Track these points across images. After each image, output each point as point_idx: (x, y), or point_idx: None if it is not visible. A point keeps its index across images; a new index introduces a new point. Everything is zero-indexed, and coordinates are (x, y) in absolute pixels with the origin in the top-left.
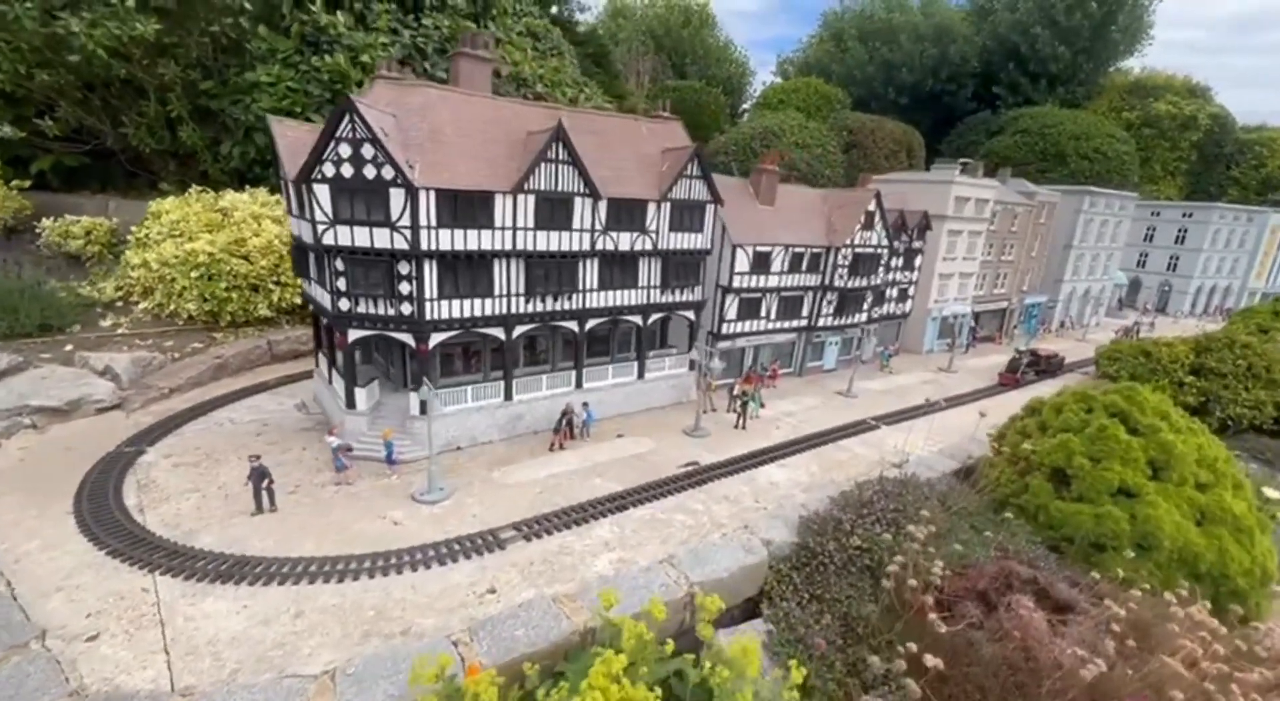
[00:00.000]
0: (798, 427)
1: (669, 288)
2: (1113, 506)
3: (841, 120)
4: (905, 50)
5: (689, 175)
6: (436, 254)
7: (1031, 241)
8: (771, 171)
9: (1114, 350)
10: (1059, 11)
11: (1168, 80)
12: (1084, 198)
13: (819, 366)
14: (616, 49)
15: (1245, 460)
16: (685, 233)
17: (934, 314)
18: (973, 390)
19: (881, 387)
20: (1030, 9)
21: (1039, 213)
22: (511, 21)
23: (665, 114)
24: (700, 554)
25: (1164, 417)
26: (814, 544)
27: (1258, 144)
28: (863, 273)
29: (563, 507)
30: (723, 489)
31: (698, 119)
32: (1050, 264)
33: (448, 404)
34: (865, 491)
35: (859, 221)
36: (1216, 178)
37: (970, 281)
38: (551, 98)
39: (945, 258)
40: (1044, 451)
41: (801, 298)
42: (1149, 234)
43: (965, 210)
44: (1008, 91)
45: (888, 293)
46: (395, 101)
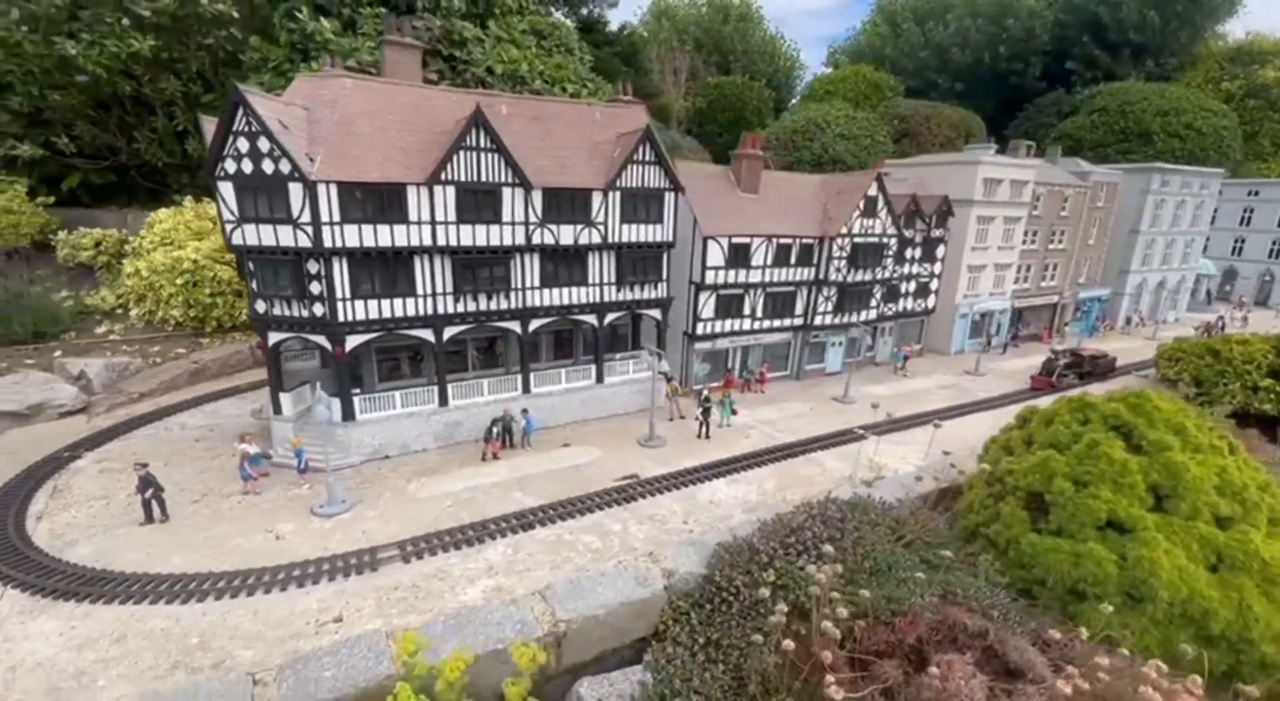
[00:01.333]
0: (771, 437)
1: (626, 284)
2: (1098, 543)
3: (892, 108)
4: (956, 28)
5: (640, 161)
6: (344, 251)
7: (1087, 227)
8: (753, 156)
9: (1175, 349)
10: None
11: (1277, 44)
12: (1151, 176)
13: (820, 369)
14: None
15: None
16: (641, 224)
17: (963, 310)
18: (998, 395)
19: (888, 392)
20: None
21: (1095, 195)
22: (516, 20)
23: (627, 98)
24: (581, 585)
25: (1178, 432)
26: (721, 577)
27: None
28: (865, 265)
29: (465, 524)
30: (653, 507)
31: (739, 115)
32: (1113, 252)
33: (372, 410)
34: (798, 516)
35: (857, 208)
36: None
37: (1009, 273)
38: (549, 94)
39: (975, 247)
40: (1021, 471)
41: (794, 294)
42: (1246, 216)
43: (998, 194)
44: (1083, 67)
45: (903, 287)
46: (310, 94)
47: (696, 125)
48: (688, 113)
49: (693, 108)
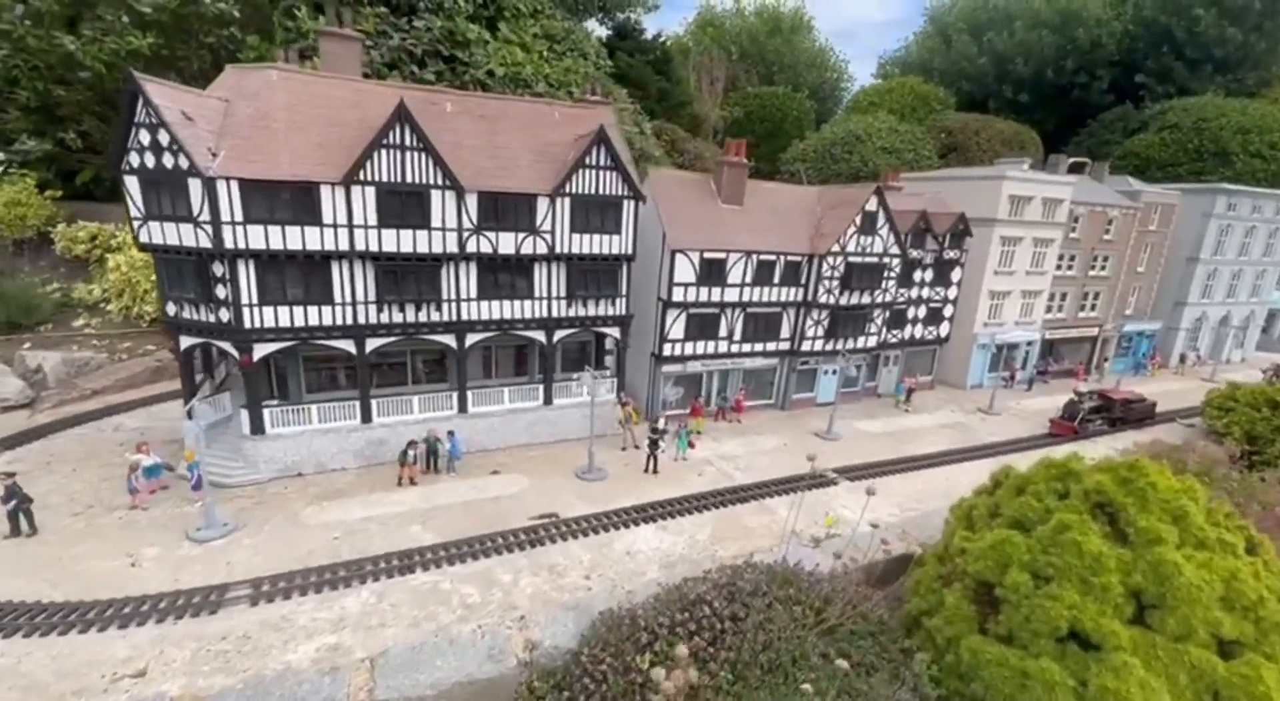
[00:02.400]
0: (727, 476)
1: (579, 299)
2: (1054, 661)
3: (940, 121)
4: (1020, 39)
5: (594, 165)
6: (250, 253)
7: (1136, 253)
8: (736, 165)
9: (1227, 397)
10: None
11: None
12: (1216, 198)
13: (810, 399)
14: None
15: None
16: (595, 234)
17: (982, 341)
18: (1008, 441)
19: (881, 429)
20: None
21: (1146, 217)
22: (529, 23)
23: (595, 97)
24: (423, 655)
25: (1177, 518)
26: (587, 657)
27: None
28: (861, 287)
29: (339, 562)
30: (559, 555)
31: (779, 126)
32: (1168, 282)
33: (286, 424)
34: (698, 586)
35: (853, 224)
36: None
37: (1039, 301)
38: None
39: (998, 271)
40: (974, 552)
41: (779, 316)
42: None
43: (1026, 213)
44: (1156, 81)
45: (910, 313)
46: (234, 86)
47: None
48: (724, 123)
49: (730, 118)
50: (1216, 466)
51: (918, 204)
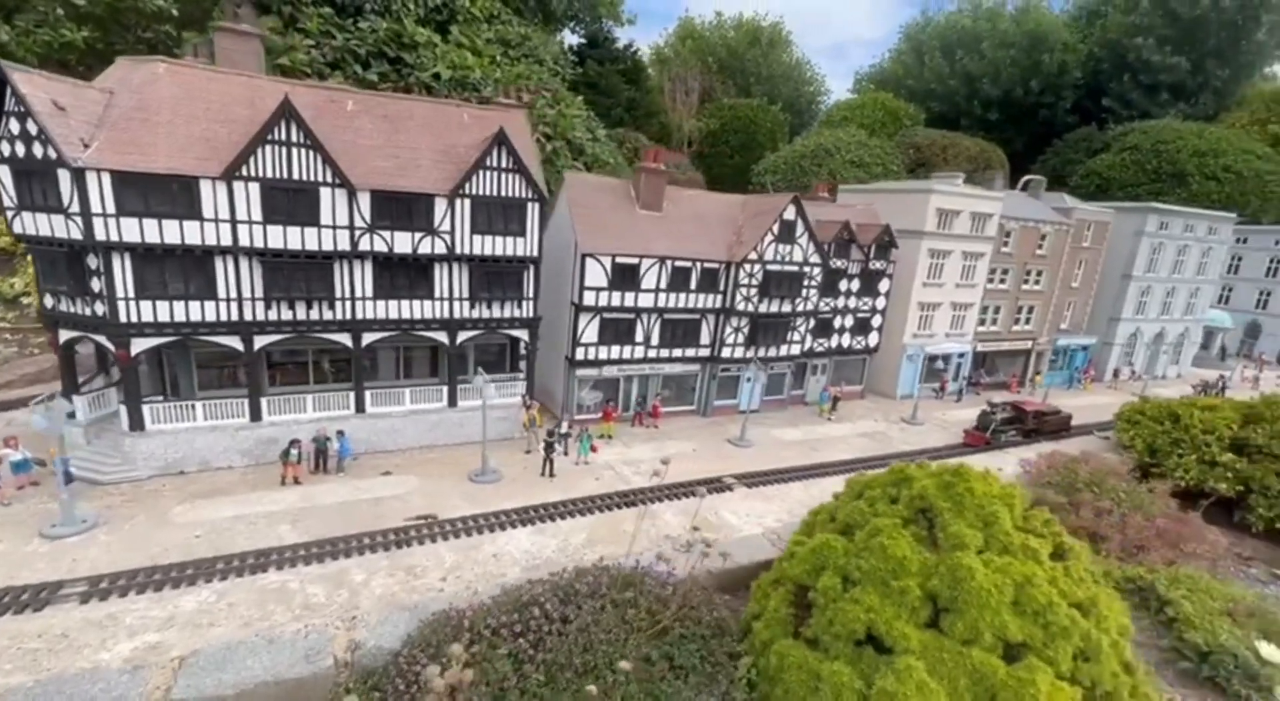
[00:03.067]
0: (625, 480)
1: (482, 301)
2: (847, 664)
3: (909, 137)
4: (989, 59)
5: (496, 167)
6: (124, 246)
7: (1070, 268)
8: (654, 171)
9: (1135, 411)
10: (1183, 5)
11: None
12: (1147, 217)
13: (732, 406)
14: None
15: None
16: (498, 236)
17: (911, 351)
18: (921, 449)
19: (798, 437)
20: (1149, 9)
21: (1080, 233)
22: (484, 28)
23: (507, 100)
24: (236, 654)
25: (989, 524)
26: (404, 658)
27: None
28: (781, 295)
29: (191, 560)
30: (423, 556)
31: (753, 137)
32: (1103, 298)
33: (168, 420)
34: (535, 588)
35: (770, 233)
36: None
37: (970, 314)
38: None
39: (927, 283)
40: (800, 556)
41: (698, 322)
42: (1273, 267)
43: (955, 226)
44: (1119, 104)
45: (837, 322)
46: (122, 77)
47: (709, 146)
48: (698, 133)
49: (704, 129)
50: (1109, 477)
51: (851, 215)
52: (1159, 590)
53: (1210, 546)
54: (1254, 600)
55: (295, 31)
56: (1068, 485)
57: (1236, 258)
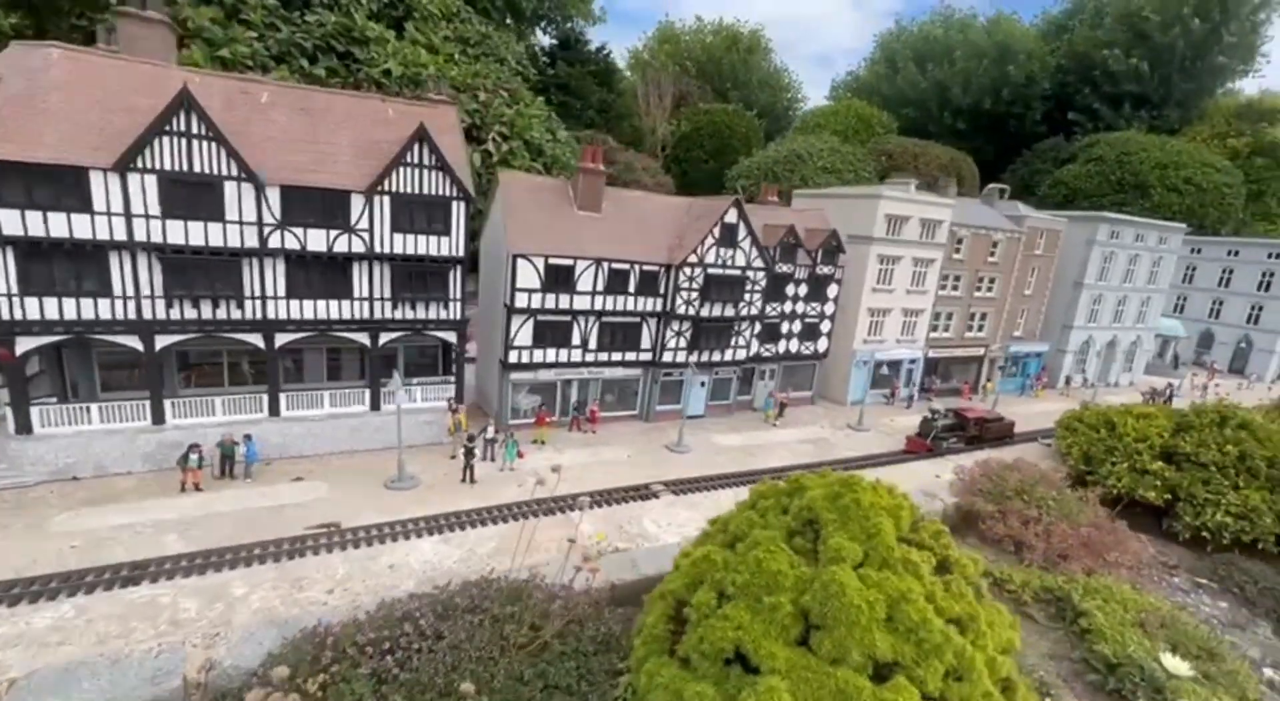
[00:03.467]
0: (550, 488)
1: (405, 302)
2: (712, 685)
3: (881, 144)
4: (960, 68)
5: (417, 164)
6: (5, 239)
7: (1023, 276)
8: (593, 171)
9: (1073, 418)
10: (1151, 27)
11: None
12: (1098, 225)
13: (675, 411)
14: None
15: (1213, 594)
16: (420, 235)
17: (862, 357)
18: (863, 456)
19: (738, 443)
20: (1114, 25)
21: (1032, 241)
22: (442, 25)
23: (435, 96)
24: (69, 677)
25: (871, 536)
26: (258, 680)
27: None
28: (723, 299)
29: (57, 573)
30: (313, 567)
31: (727, 142)
32: (1056, 306)
33: (60, 423)
34: (411, 603)
35: (711, 236)
36: None
37: (921, 320)
38: None
39: (877, 289)
40: (683, 569)
41: (638, 326)
42: (1225, 277)
43: (904, 232)
44: (1085, 116)
45: (784, 327)
46: (15, 62)
47: (684, 150)
48: (672, 137)
49: (677, 132)
50: (1040, 484)
51: (801, 220)
52: (1074, 600)
53: (1133, 555)
54: (1169, 611)
55: (238, 23)
56: (998, 493)
57: (1191, 268)
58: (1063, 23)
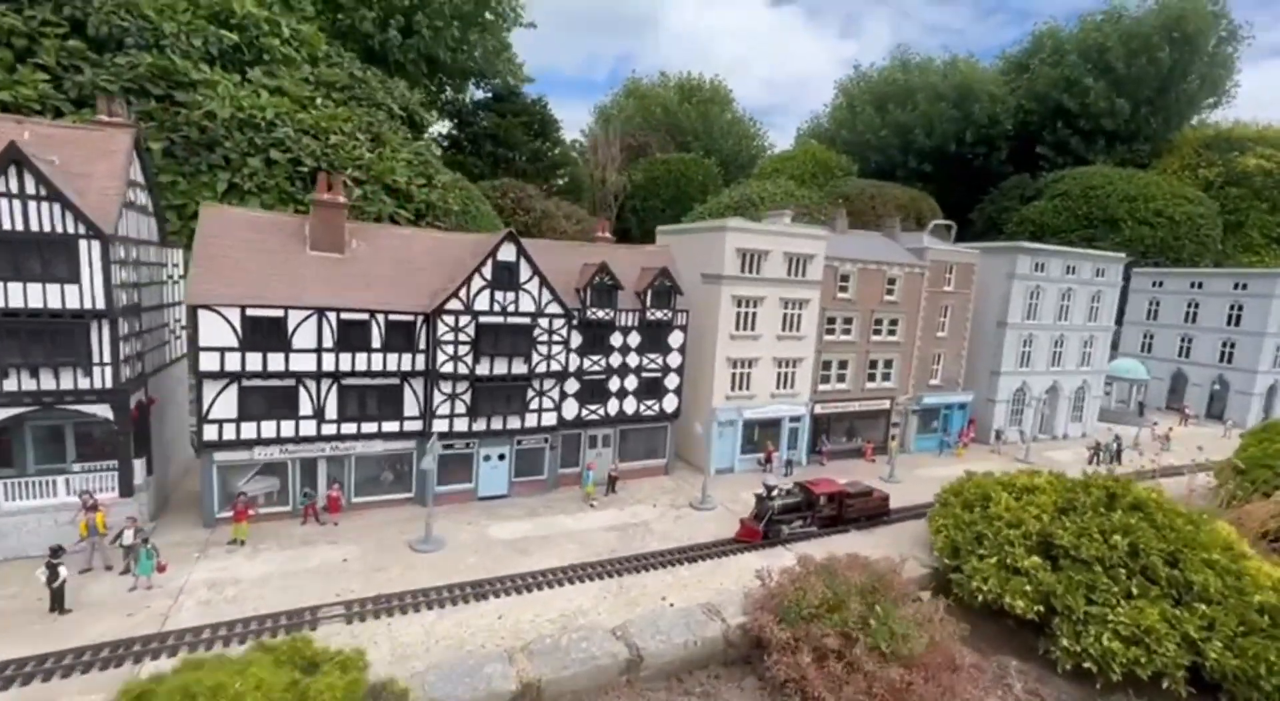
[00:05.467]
0: (159, 618)
1: (26, 368)
2: None
3: (839, 188)
4: (921, 111)
5: (16, 195)
6: None
7: (932, 316)
8: (328, 205)
9: (950, 492)
10: (1116, 59)
11: (1260, 132)
12: (1016, 257)
13: (466, 492)
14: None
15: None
16: (32, 282)
17: (725, 416)
18: (680, 548)
19: (522, 534)
20: (1077, 62)
21: (938, 276)
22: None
23: (107, 119)
24: None
25: None
26: None
27: None
28: (505, 353)
29: None
30: None
31: (683, 190)
32: (980, 349)
33: None
34: None
35: (479, 276)
36: None
37: (802, 370)
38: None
39: (735, 335)
40: None
41: (398, 388)
42: (1191, 312)
43: (765, 269)
44: (1054, 152)
45: (615, 384)
46: None
47: (641, 200)
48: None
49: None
50: (873, 593)
51: (639, 259)
52: None
53: None
54: None
55: (31, 65)
56: (795, 610)
57: (1154, 303)
58: (1022, 62)
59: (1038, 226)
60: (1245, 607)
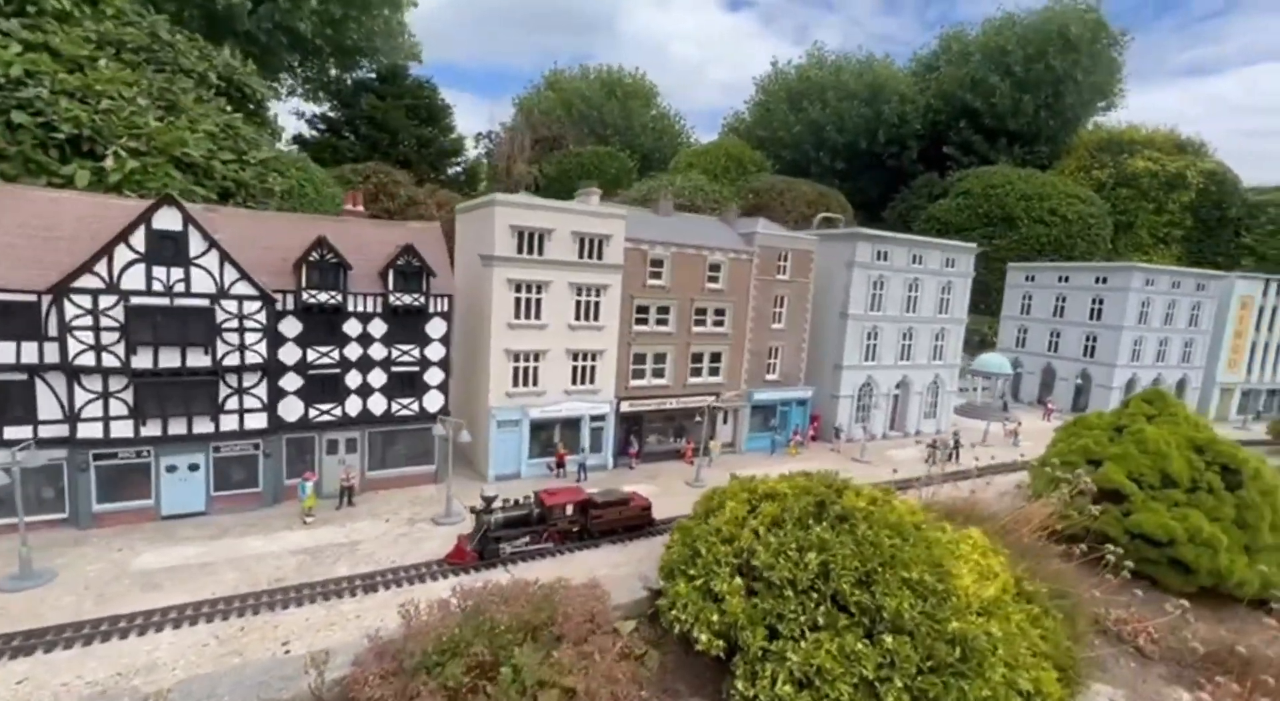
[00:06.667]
0: None
1: None
2: None
3: (749, 183)
4: (833, 109)
5: None
6: None
7: (765, 306)
8: None
9: (703, 501)
10: (1016, 61)
11: (1149, 135)
12: (855, 245)
13: (145, 510)
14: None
15: None
16: None
17: (506, 415)
18: (389, 569)
19: (183, 560)
20: (982, 62)
21: (769, 264)
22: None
23: None
24: None
25: None
26: None
27: (1273, 205)
28: (180, 340)
29: None
30: None
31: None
32: (823, 342)
33: None
34: None
35: (129, 248)
36: (1224, 245)
37: (604, 363)
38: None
39: (515, 324)
40: None
41: (29, 384)
42: (1059, 306)
43: (550, 250)
44: (960, 151)
45: (354, 379)
46: None
47: (553, 194)
48: (536, 180)
49: (544, 175)
50: (514, 632)
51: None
52: None
53: None
54: None
55: None
56: (414, 660)
57: (1028, 297)
58: (931, 63)
59: (943, 224)
60: (936, 636)
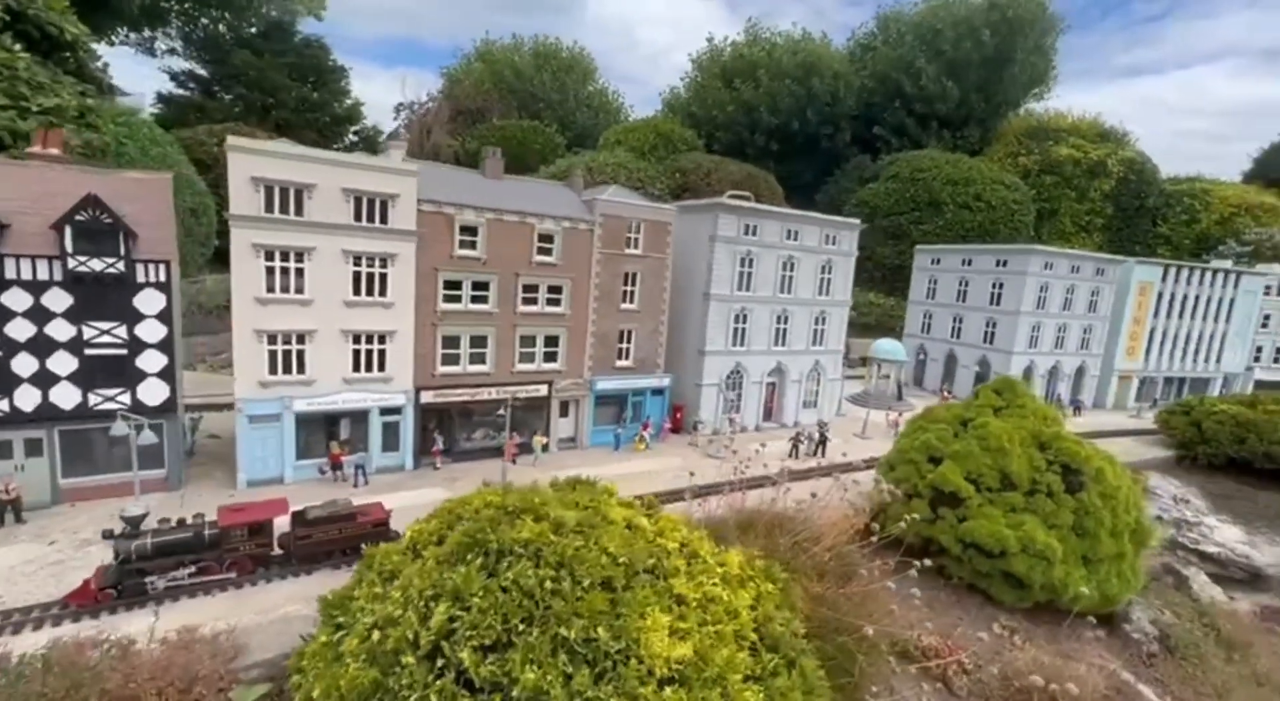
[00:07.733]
0: None
1: None
2: None
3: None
4: (765, 88)
5: None
6: None
7: (612, 283)
8: None
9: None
10: (945, 41)
11: (1074, 123)
12: (718, 217)
13: None
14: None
15: None
16: None
17: (262, 409)
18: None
19: None
20: (913, 44)
21: (615, 236)
22: None
23: None
24: None
25: None
26: None
27: (1187, 195)
28: None
29: None
30: None
31: (521, 157)
32: (686, 325)
33: None
34: None
35: None
36: (1141, 234)
37: (397, 346)
38: None
39: (267, 298)
40: None
41: None
42: (962, 291)
43: (314, 210)
44: (892, 134)
45: (27, 365)
46: None
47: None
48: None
49: (462, 149)
50: None
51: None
52: None
53: None
54: None
55: None
56: None
57: (933, 281)
58: (868, 44)
59: (871, 208)
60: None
